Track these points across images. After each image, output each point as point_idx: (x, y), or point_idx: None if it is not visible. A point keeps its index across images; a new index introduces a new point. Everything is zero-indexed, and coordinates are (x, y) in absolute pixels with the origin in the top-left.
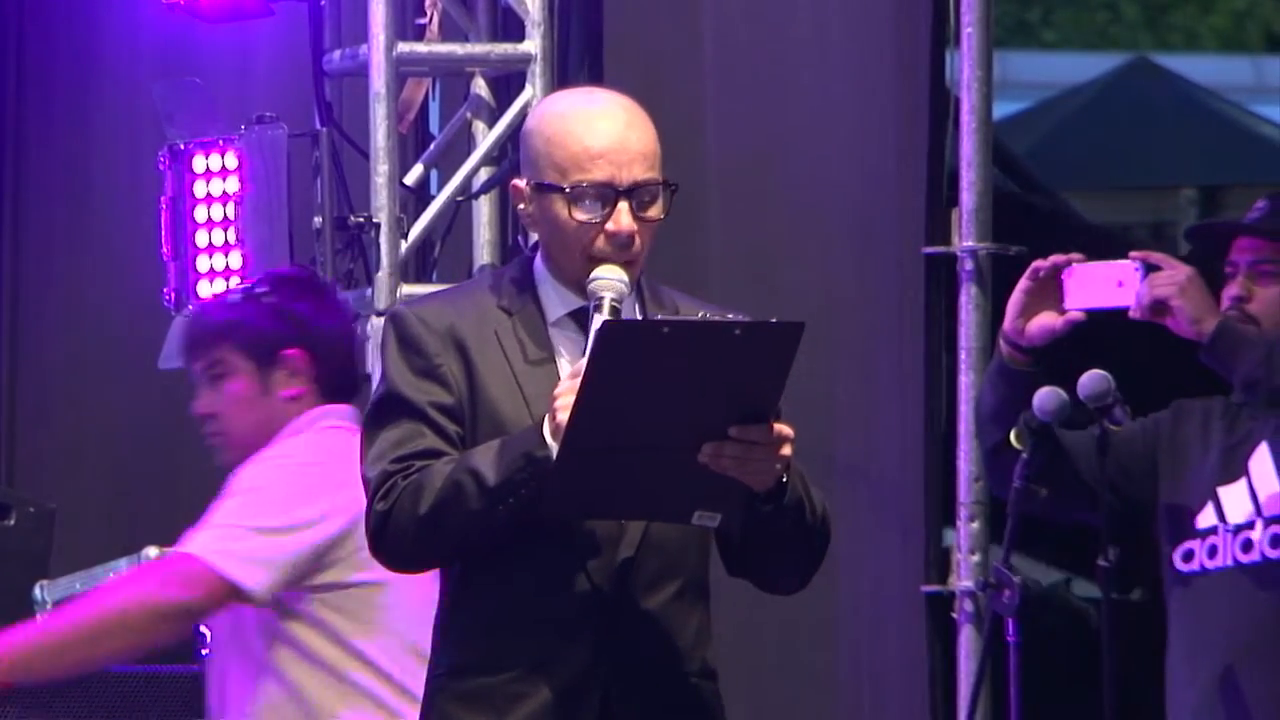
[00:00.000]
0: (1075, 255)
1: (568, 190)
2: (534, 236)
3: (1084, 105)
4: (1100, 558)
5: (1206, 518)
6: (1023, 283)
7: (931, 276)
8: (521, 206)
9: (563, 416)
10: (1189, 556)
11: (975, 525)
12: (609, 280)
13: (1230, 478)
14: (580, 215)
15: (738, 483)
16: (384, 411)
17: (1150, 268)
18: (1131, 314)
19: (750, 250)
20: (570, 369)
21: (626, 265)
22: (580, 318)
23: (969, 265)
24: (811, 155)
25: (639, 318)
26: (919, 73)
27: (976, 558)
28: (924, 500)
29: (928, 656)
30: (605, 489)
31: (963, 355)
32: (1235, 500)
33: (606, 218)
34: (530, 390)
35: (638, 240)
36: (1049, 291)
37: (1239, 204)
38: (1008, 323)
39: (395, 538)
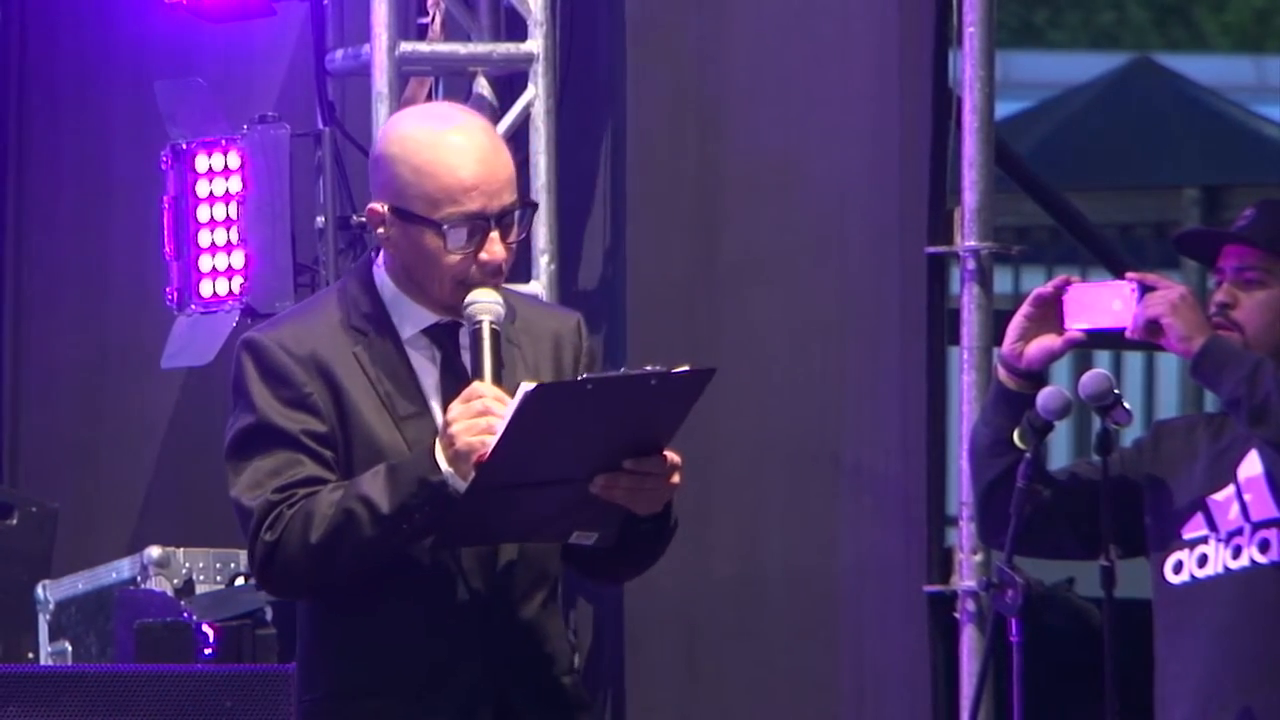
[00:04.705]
0: (1073, 277)
1: (442, 224)
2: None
3: (1086, 105)
4: (1102, 557)
5: (1196, 528)
6: (1024, 308)
7: (934, 276)
8: (380, 230)
9: (464, 443)
10: (1178, 568)
11: (977, 525)
12: (485, 304)
13: (1218, 486)
14: (454, 248)
15: (620, 506)
16: (253, 441)
17: (1146, 288)
18: (1128, 334)
19: (755, 251)
20: (464, 392)
21: (494, 286)
22: (435, 334)
23: (971, 265)
24: (813, 156)
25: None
26: (921, 73)
27: (978, 557)
28: (926, 500)
29: (930, 657)
30: (497, 520)
31: (965, 355)
32: (1225, 508)
33: (479, 247)
34: (400, 412)
35: (504, 265)
36: (1048, 314)
37: (1241, 204)
38: (1006, 346)
39: (283, 567)
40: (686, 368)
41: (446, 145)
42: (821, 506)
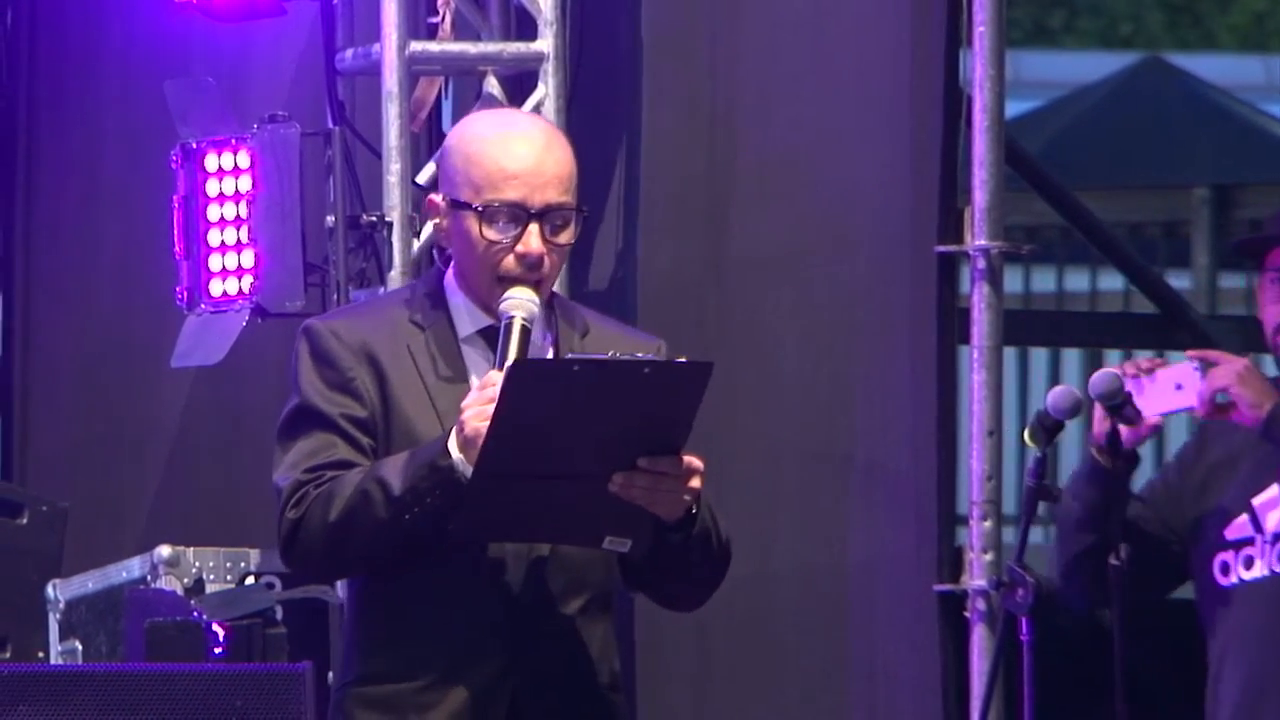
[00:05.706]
0: (1136, 366)
1: (480, 209)
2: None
3: (1096, 104)
4: (1111, 556)
5: (1241, 529)
6: None
7: (944, 275)
8: (437, 221)
9: (471, 427)
10: (1225, 569)
11: (987, 524)
12: (519, 300)
13: (1262, 486)
14: (491, 234)
15: (648, 511)
16: (297, 423)
17: (1207, 364)
18: (1198, 413)
19: (765, 250)
20: (479, 382)
21: (535, 286)
22: (490, 336)
23: (981, 264)
24: (825, 154)
25: (549, 352)
26: (932, 72)
27: (989, 556)
28: (936, 499)
29: (940, 656)
30: (517, 513)
31: (975, 354)
32: (1270, 509)
33: (517, 239)
34: (443, 406)
35: (547, 262)
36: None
37: (1251, 203)
38: (1097, 427)
39: (305, 545)
40: (683, 359)
41: (498, 137)
42: (831, 505)
